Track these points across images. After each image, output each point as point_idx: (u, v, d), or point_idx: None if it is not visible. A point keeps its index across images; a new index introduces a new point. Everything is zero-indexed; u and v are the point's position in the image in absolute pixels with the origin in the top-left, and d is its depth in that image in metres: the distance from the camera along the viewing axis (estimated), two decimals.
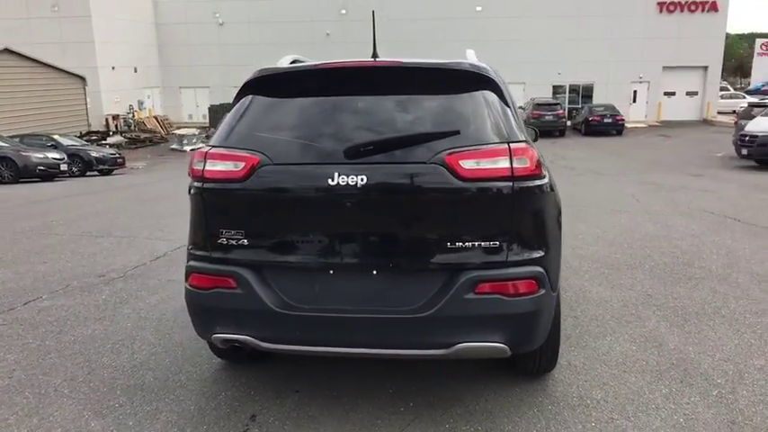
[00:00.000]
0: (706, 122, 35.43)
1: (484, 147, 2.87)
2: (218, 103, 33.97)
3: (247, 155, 2.97)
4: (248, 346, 3.09)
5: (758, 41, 56.38)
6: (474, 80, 3.11)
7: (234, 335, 3.06)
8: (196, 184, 3.08)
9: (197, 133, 30.22)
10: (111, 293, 5.65)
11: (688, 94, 36.86)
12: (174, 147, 29.08)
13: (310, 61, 3.56)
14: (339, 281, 3.00)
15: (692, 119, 36.25)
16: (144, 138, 31.03)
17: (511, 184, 2.83)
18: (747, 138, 16.76)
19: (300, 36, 36.04)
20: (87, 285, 5.94)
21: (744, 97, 42.41)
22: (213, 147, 3.09)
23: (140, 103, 34.94)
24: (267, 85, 3.22)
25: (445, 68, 3.15)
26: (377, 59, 3.35)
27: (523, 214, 2.89)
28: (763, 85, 49.77)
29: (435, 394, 3.53)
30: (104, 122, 32.10)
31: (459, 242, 2.86)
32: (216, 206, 3.04)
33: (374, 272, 2.97)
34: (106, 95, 32.42)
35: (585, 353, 4.09)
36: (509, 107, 3.13)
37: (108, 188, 15.17)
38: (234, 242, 3.01)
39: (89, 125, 31.12)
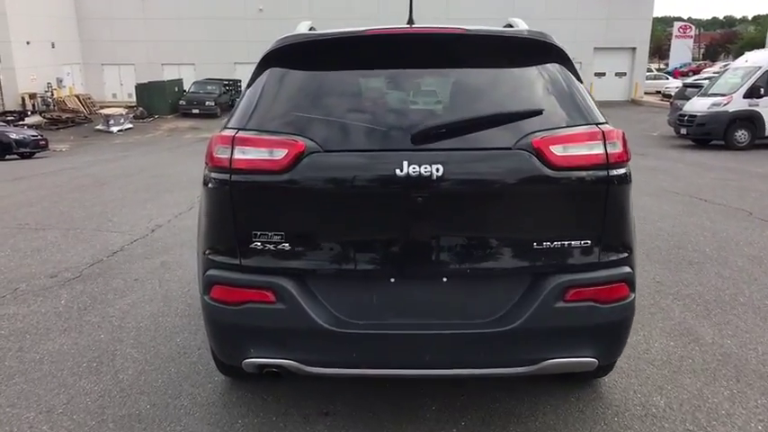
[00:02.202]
0: (634, 102, 36.53)
1: (575, 129, 2.48)
2: (145, 81, 32.13)
3: (290, 140, 2.44)
4: (290, 371, 2.58)
5: (676, 24, 58.86)
6: (544, 50, 2.69)
7: (273, 359, 2.55)
8: (218, 175, 2.52)
9: (125, 113, 28.36)
10: (71, 298, 4.92)
11: (617, 74, 37.85)
12: (99, 127, 27.17)
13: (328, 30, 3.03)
14: (402, 290, 2.53)
15: (620, 99, 37.27)
16: (66, 118, 28.81)
17: (605, 172, 2.45)
18: (687, 117, 17.25)
19: (231, 11, 34.46)
20: (40, 288, 5.17)
21: (667, 78, 44.15)
22: (241, 130, 2.52)
23: (59, 81, 32.45)
24: (299, 55, 2.68)
25: (513, 37, 2.72)
26: (415, 26, 2.87)
27: (615, 207, 2.51)
28: (680, 66, 52.07)
29: (485, 410, 3.14)
30: (20, 102, 29.64)
31: (546, 241, 2.46)
32: (248, 203, 2.49)
33: (444, 279, 2.52)
34: (21, 72, 29.88)
35: (626, 351, 3.77)
36: (581, 81, 2.74)
37: (35, 173, 13.85)
38: (271, 246, 2.48)
39: (3, 105, 28.70)
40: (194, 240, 6.76)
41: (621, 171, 2.50)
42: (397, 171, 2.36)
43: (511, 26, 3.20)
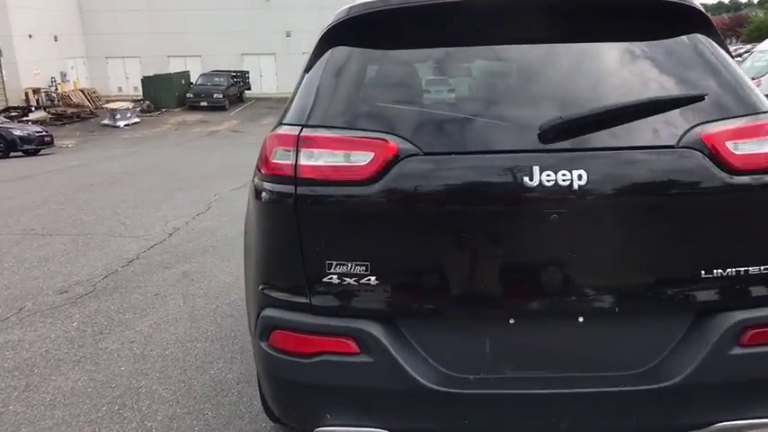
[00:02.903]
0: None
1: (750, 120, 1.85)
2: (151, 74, 31.54)
3: (376, 139, 1.82)
4: None
5: None
6: (686, 16, 2.04)
7: (357, 427, 1.94)
8: (278, 187, 1.90)
9: (131, 107, 27.78)
10: (84, 319, 4.34)
11: None
12: (105, 122, 26.65)
13: None
14: (524, 335, 1.92)
15: None
16: (71, 113, 28.28)
17: None
18: None
19: (237, 1, 33.78)
20: (48, 307, 4.59)
21: None
22: (306, 127, 1.90)
23: (63, 75, 31.90)
24: (372, 28, 2.04)
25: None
26: None
27: None
28: None
29: None
30: (24, 97, 29.07)
31: (717, 268, 1.83)
32: (320, 224, 1.88)
33: (580, 318, 1.91)
34: (24, 67, 29.29)
35: None
36: (733, 57, 2.11)
37: (40, 171, 13.30)
38: (352, 281, 1.87)
39: (6, 100, 28.15)
40: (217, 246, 6.21)
41: None
42: (526, 180, 1.74)
43: None
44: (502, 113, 1.88)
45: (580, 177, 1.74)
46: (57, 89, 30.71)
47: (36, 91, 29.68)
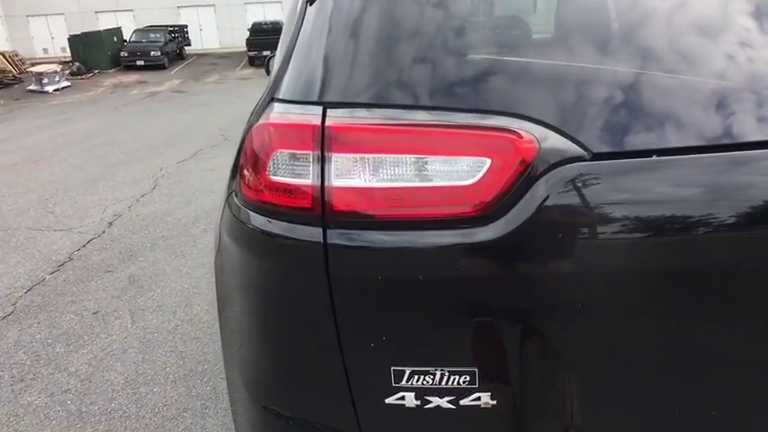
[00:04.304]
0: None
1: None
2: (79, 33, 29.01)
3: (492, 129, 0.90)
4: None
5: None
6: None
7: None
8: (284, 228, 0.96)
9: (59, 70, 25.48)
10: (0, 357, 3.33)
11: None
12: (32, 88, 24.35)
13: None
14: None
15: None
16: None
17: None
18: None
19: None
20: None
21: None
22: (331, 106, 0.95)
23: None
24: None
25: None
26: None
27: None
28: None
29: None
30: None
31: None
32: (378, 303, 0.96)
33: None
34: None
35: None
36: None
37: None
38: (446, 402, 0.98)
39: None
40: (169, 237, 5.17)
41: None
42: None
43: None
44: (729, 69, 0.97)
45: None
46: None
47: None
